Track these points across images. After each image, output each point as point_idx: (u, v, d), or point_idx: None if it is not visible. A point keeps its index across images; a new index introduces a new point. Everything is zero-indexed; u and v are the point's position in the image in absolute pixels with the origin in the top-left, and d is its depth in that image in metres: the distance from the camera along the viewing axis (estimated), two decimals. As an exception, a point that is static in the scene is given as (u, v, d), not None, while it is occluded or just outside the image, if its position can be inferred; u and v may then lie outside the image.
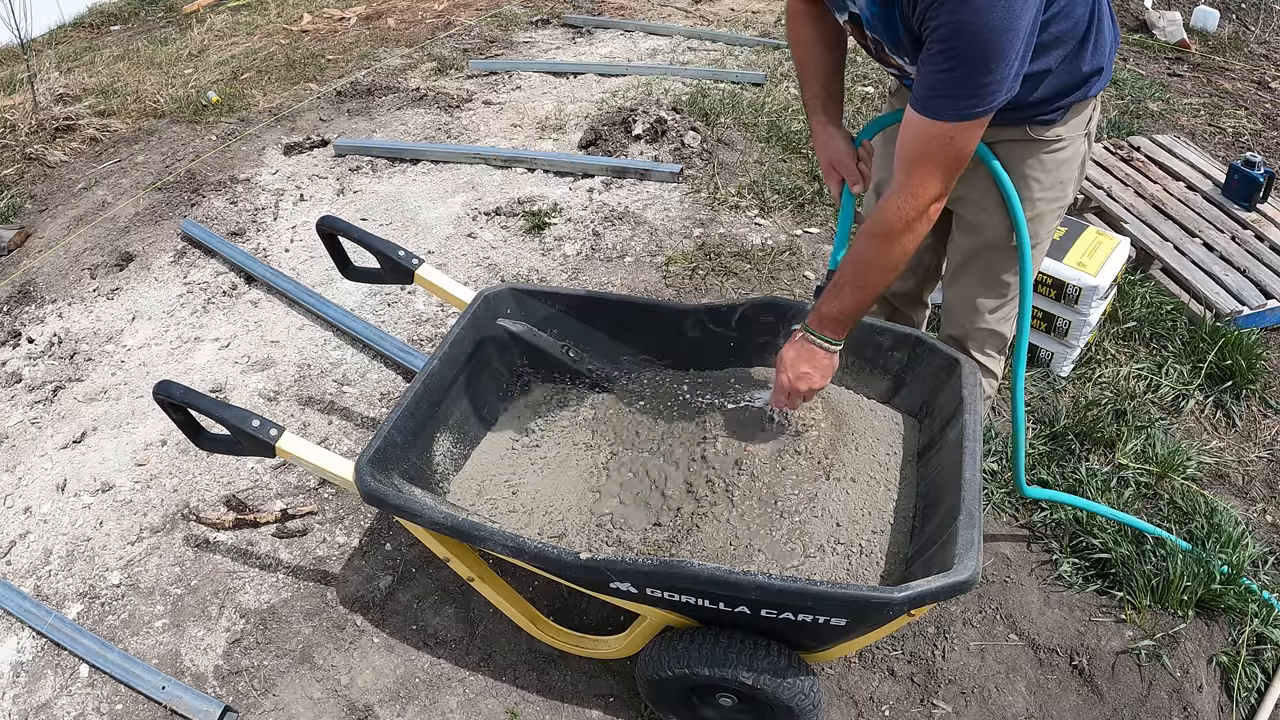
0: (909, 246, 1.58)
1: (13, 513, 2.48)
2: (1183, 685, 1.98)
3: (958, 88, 1.40)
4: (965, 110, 1.42)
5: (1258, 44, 5.26)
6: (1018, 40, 1.35)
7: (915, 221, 1.53)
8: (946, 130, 1.44)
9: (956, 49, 1.36)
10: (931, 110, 1.44)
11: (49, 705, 2.01)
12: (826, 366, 1.73)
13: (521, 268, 3.34)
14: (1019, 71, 1.41)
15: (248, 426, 1.74)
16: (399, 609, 2.18)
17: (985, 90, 1.38)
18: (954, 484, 1.60)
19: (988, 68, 1.36)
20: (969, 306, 1.94)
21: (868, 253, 1.61)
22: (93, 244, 3.60)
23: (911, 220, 1.53)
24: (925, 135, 1.46)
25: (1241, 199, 3.31)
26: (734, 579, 1.47)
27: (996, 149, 1.73)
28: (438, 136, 4.32)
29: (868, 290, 1.65)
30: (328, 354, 2.97)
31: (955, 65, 1.37)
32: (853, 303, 1.66)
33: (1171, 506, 2.34)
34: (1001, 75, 1.37)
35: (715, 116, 4.22)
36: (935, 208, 1.54)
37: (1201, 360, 2.75)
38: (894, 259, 1.59)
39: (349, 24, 6.01)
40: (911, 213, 1.52)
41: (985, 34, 1.33)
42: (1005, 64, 1.36)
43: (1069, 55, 1.59)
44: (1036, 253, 1.87)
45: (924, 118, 1.45)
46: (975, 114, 1.42)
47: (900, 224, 1.54)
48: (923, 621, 2.10)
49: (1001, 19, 1.32)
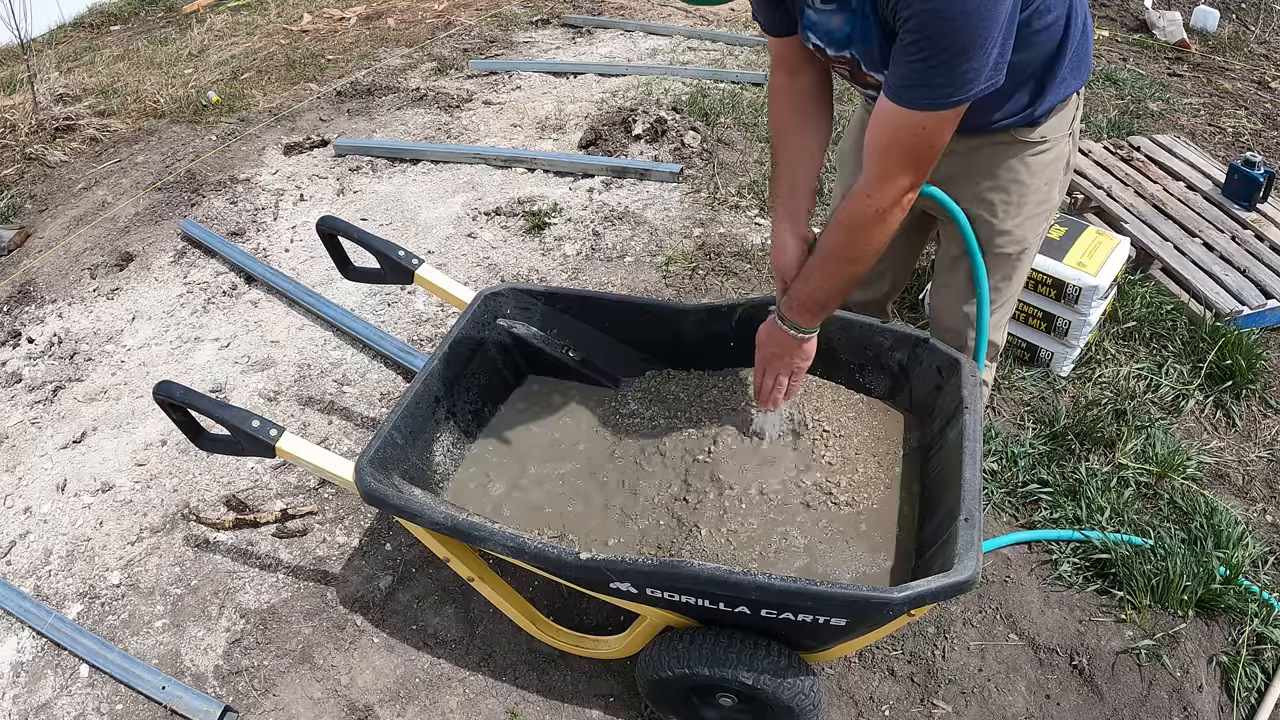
0: (878, 238, 1.53)
1: (13, 513, 2.48)
2: (1183, 685, 1.98)
3: (932, 76, 1.33)
4: (939, 99, 1.36)
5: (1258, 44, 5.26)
6: (994, 28, 1.30)
7: (885, 213, 1.48)
8: (919, 120, 1.38)
9: (930, 36, 1.30)
10: (906, 99, 1.38)
11: (49, 705, 2.01)
12: (795, 351, 1.71)
13: (521, 268, 3.34)
14: (999, 61, 1.35)
15: (248, 427, 1.74)
16: (399, 609, 2.18)
17: (961, 79, 1.33)
18: (954, 484, 1.60)
19: (964, 55, 1.30)
20: (957, 314, 1.92)
21: (835, 242, 1.57)
22: (93, 244, 3.61)
23: (881, 211, 1.48)
24: (896, 124, 1.41)
25: (1241, 199, 3.31)
26: (734, 579, 1.47)
27: (979, 152, 1.70)
28: (438, 136, 4.32)
29: (834, 280, 1.61)
30: (328, 354, 2.97)
31: (930, 54, 1.31)
32: (820, 290, 1.62)
33: (1171, 506, 2.34)
34: (979, 64, 1.32)
35: (715, 116, 4.22)
36: (907, 199, 1.49)
37: (1201, 360, 2.75)
38: (861, 250, 1.55)
39: (349, 24, 6.01)
40: (881, 204, 1.47)
41: (960, 20, 1.27)
42: (983, 52, 1.31)
43: (1049, 53, 1.56)
44: (1026, 257, 1.85)
45: (896, 106, 1.39)
46: (950, 103, 1.36)
47: (868, 215, 1.49)
48: (923, 621, 2.10)
49: (977, 5, 1.26)
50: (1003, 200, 1.75)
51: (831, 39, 1.52)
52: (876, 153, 1.46)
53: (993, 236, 1.79)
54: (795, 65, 1.68)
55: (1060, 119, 1.69)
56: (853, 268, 1.59)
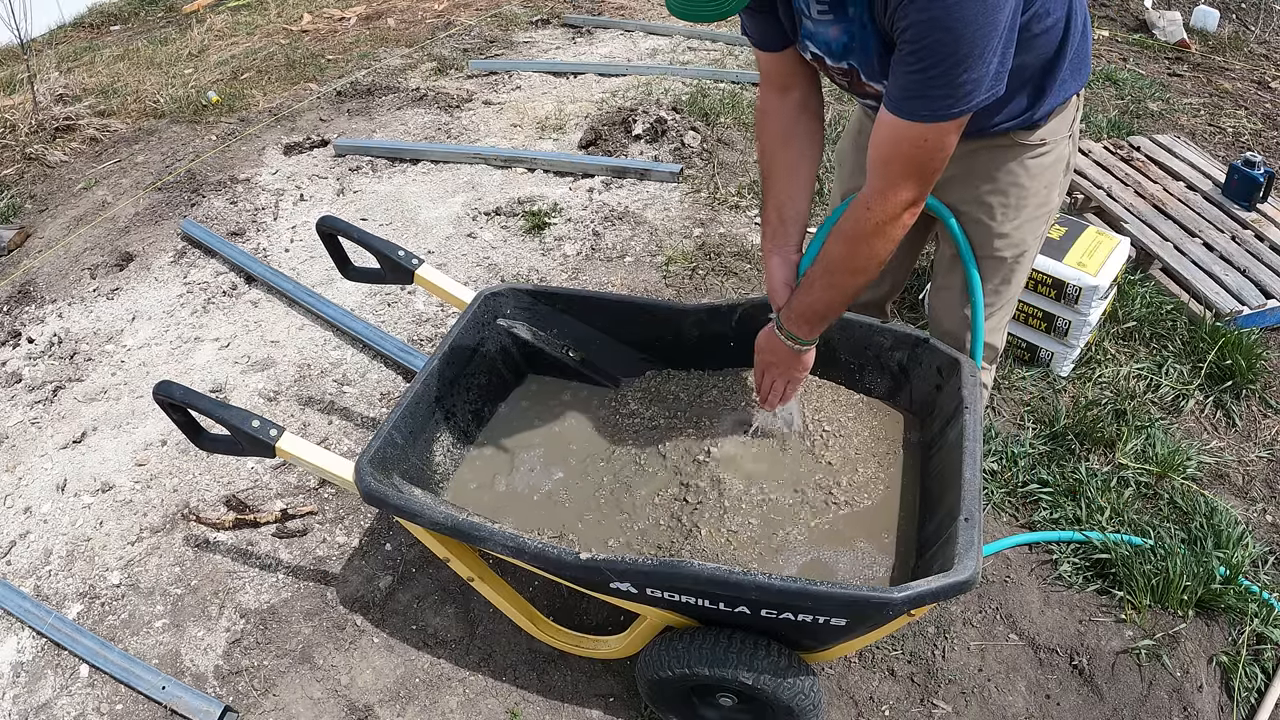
0: (881, 251, 1.50)
1: (13, 513, 2.48)
2: (1183, 685, 1.98)
3: (932, 88, 1.31)
4: (940, 111, 1.34)
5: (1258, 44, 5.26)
6: (994, 37, 1.27)
7: (887, 225, 1.46)
8: (920, 131, 1.36)
9: (928, 47, 1.28)
10: (906, 111, 1.36)
11: (49, 705, 2.01)
12: (794, 362, 1.71)
13: (521, 268, 3.34)
14: (999, 70, 1.33)
15: (248, 427, 1.74)
16: (399, 609, 2.18)
17: (961, 90, 1.31)
18: (954, 484, 1.59)
19: (963, 66, 1.28)
20: (955, 317, 1.91)
21: (836, 254, 1.55)
22: (93, 244, 3.61)
23: (883, 224, 1.46)
24: (898, 137, 1.39)
25: (1241, 199, 3.31)
26: (734, 579, 1.47)
27: (978, 155, 1.69)
28: (438, 136, 4.32)
29: (836, 291, 1.59)
30: (328, 354, 2.97)
31: (929, 64, 1.29)
32: (821, 302, 1.61)
33: (1171, 506, 2.34)
34: (979, 74, 1.30)
35: (715, 116, 4.22)
36: (911, 213, 1.47)
37: (1201, 360, 2.75)
38: (864, 262, 1.53)
39: (349, 24, 6.01)
40: (883, 216, 1.45)
41: (959, 30, 1.25)
42: (983, 62, 1.28)
43: (1049, 56, 1.54)
44: (1025, 260, 1.84)
45: (896, 118, 1.37)
46: (950, 115, 1.34)
47: (870, 227, 1.47)
48: (923, 621, 2.10)
49: (976, 14, 1.24)
50: (1001, 203, 1.74)
51: (830, 49, 1.51)
52: (879, 163, 1.44)
53: (991, 239, 1.78)
54: (786, 82, 1.66)
55: (1060, 121, 1.68)
56: (855, 279, 1.57)
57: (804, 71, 1.65)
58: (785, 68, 1.64)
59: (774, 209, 1.72)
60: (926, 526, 1.71)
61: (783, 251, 1.72)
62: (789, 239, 1.72)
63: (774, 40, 1.60)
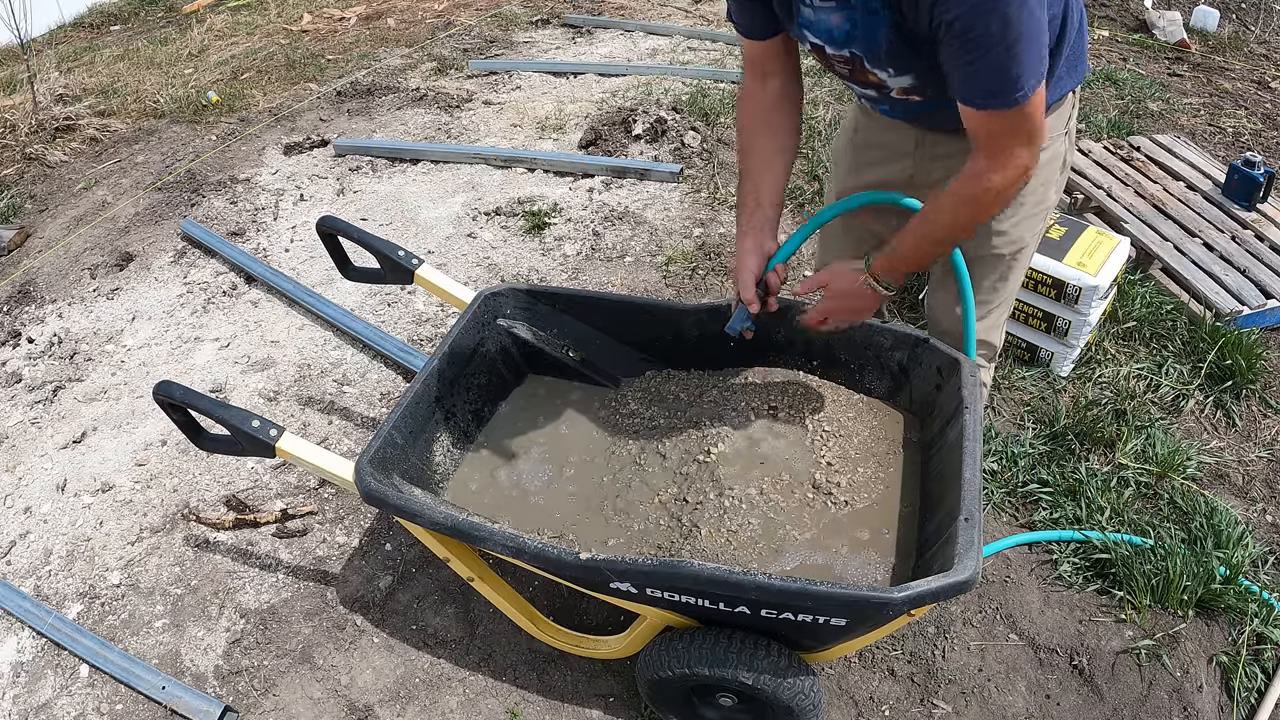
0: (996, 213, 1.55)
1: (13, 513, 2.48)
2: (1183, 685, 1.98)
3: (1000, 76, 1.33)
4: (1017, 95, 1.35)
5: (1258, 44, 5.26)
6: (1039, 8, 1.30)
7: (1008, 189, 1.48)
8: (1011, 119, 1.39)
9: (983, 33, 1.29)
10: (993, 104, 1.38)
11: (49, 705, 2.01)
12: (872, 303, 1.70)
13: (521, 268, 3.34)
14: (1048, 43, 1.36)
15: (248, 427, 1.74)
16: (399, 609, 2.18)
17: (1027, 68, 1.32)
18: (954, 484, 1.59)
19: (1020, 42, 1.29)
20: (953, 317, 1.91)
21: (954, 217, 1.55)
22: (93, 244, 3.61)
23: (1004, 189, 1.48)
24: (991, 130, 1.42)
25: (1241, 199, 3.31)
26: (734, 579, 1.47)
27: None
28: (438, 136, 4.32)
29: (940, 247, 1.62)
30: (328, 354, 2.97)
31: (987, 50, 1.31)
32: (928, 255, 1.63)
33: (1171, 506, 2.34)
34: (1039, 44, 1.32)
35: (715, 116, 4.22)
36: (1029, 173, 1.48)
37: (1201, 360, 2.75)
38: (978, 223, 1.56)
39: (349, 24, 6.01)
40: (1004, 181, 1.46)
41: (1004, 10, 1.27)
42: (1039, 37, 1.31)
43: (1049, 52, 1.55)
44: (1023, 258, 1.84)
45: (982, 112, 1.40)
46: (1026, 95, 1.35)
47: (992, 193, 1.48)
48: (923, 621, 2.10)
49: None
50: None
51: (831, 37, 1.51)
52: (985, 142, 1.45)
53: (989, 237, 1.78)
54: (769, 69, 1.70)
55: (1056, 118, 1.69)
56: (962, 235, 1.61)
57: (786, 60, 1.69)
58: (769, 55, 1.68)
59: (751, 191, 1.75)
60: (926, 526, 1.71)
61: (758, 235, 1.74)
62: (766, 221, 1.75)
63: (761, 28, 1.63)
